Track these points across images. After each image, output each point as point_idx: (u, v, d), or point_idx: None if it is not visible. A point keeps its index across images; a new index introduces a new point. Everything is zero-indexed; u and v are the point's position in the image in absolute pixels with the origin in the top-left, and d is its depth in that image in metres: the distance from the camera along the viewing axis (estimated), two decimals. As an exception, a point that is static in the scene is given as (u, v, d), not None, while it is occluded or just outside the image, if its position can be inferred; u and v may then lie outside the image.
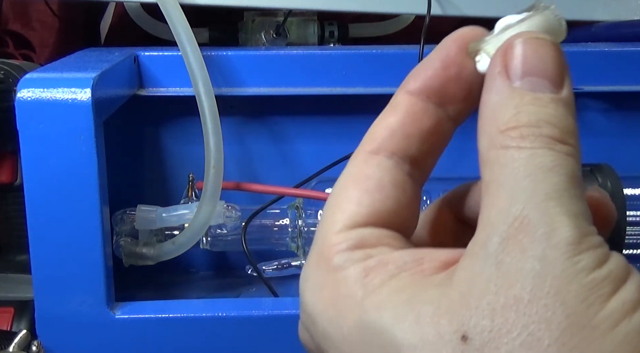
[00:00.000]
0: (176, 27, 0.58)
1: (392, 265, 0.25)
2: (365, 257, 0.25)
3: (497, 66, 0.25)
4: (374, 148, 0.27)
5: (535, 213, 0.23)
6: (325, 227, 0.26)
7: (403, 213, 0.27)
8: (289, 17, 0.73)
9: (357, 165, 0.27)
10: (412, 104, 0.27)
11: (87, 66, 0.55)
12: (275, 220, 0.65)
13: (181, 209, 0.60)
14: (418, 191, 0.27)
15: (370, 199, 0.26)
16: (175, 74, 0.63)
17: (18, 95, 0.50)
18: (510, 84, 0.25)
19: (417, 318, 0.23)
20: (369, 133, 0.27)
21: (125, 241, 0.60)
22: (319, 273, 0.26)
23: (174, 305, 0.56)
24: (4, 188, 0.65)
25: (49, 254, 0.52)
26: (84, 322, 0.53)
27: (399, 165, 0.27)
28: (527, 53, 0.25)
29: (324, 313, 0.25)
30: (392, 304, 0.24)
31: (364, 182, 0.26)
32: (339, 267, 0.25)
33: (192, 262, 0.71)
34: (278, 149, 0.70)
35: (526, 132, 0.24)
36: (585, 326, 0.21)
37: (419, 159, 0.27)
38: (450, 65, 0.27)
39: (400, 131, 0.27)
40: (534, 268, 0.22)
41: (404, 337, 0.23)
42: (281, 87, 0.65)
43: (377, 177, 0.26)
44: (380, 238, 0.26)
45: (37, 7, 0.81)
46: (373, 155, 0.27)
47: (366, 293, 0.24)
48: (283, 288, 0.64)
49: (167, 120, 0.69)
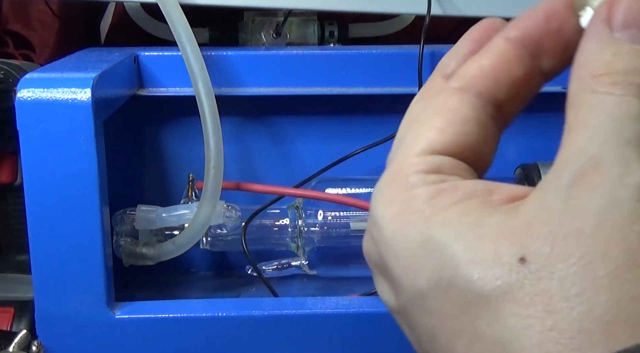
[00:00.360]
0: (176, 27, 0.58)
1: (462, 191, 0.25)
2: (438, 181, 0.26)
3: (600, 16, 0.25)
4: (462, 85, 0.27)
5: (612, 154, 0.23)
6: (406, 148, 0.27)
7: (481, 152, 0.27)
8: (289, 17, 0.73)
9: (438, 97, 0.28)
10: (508, 50, 0.27)
11: (87, 66, 0.55)
12: (275, 220, 0.65)
13: (181, 209, 0.60)
14: (498, 134, 0.28)
15: (453, 130, 0.27)
16: (175, 74, 0.63)
17: (18, 95, 0.50)
18: (611, 33, 0.25)
19: (479, 237, 0.24)
20: (462, 69, 0.28)
21: (125, 241, 0.60)
22: (393, 189, 0.27)
23: (174, 305, 0.56)
24: (4, 188, 0.65)
25: (49, 254, 0.52)
26: (84, 322, 0.53)
27: (484, 106, 0.27)
28: (633, 6, 0.25)
29: (391, 225, 0.26)
30: (457, 223, 0.24)
31: (450, 114, 0.27)
32: (413, 185, 0.26)
33: (192, 262, 0.71)
34: (278, 149, 0.70)
35: (619, 79, 0.24)
36: None
37: (504, 104, 0.27)
38: (553, 18, 0.27)
39: (491, 74, 0.27)
40: (601, 205, 0.22)
41: (463, 252, 0.24)
42: (281, 87, 0.65)
43: (463, 112, 0.27)
44: (455, 169, 0.27)
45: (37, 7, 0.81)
46: (459, 91, 0.27)
47: (434, 211, 0.25)
48: (283, 288, 0.64)
49: (167, 120, 0.69)
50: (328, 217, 0.64)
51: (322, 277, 0.67)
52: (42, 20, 0.82)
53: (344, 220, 0.64)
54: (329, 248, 0.64)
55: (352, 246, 0.64)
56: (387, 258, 0.26)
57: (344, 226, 0.64)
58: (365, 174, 0.69)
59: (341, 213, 0.64)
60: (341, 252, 0.65)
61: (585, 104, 0.24)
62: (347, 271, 0.66)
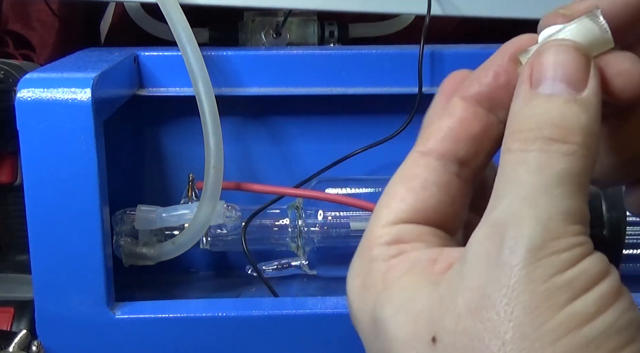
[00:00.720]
0: (176, 27, 0.58)
1: (408, 263, 0.26)
2: (398, 252, 0.27)
3: (523, 74, 0.26)
4: (425, 149, 0.28)
5: (511, 216, 0.24)
6: (373, 220, 0.29)
7: (445, 212, 0.28)
8: (289, 17, 0.73)
9: (407, 165, 0.29)
10: (464, 108, 0.28)
11: (87, 66, 0.55)
12: (275, 220, 0.65)
13: (181, 209, 0.60)
14: (466, 190, 0.29)
15: (414, 197, 0.28)
16: (175, 74, 0.63)
17: (18, 95, 0.50)
18: (531, 90, 0.26)
19: (407, 315, 0.25)
20: (423, 134, 0.29)
21: (125, 241, 0.60)
22: (359, 261, 0.29)
23: (174, 305, 0.56)
24: (4, 188, 0.65)
25: (49, 254, 0.52)
26: (84, 322, 0.53)
27: (446, 167, 0.28)
28: (548, 59, 0.26)
29: (355, 301, 0.28)
30: (395, 300, 0.25)
31: (410, 181, 0.28)
32: (374, 258, 0.28)
33: (192, 262, 0.71)
34: (278, 149, 0.70)
35: (529, 135, 0.25)
36: (528, 337, 0.22)
37: (468, 160, 0.28)
38: (500, 74, 0.28)
39: (450, 135, 0.28)
40: (494, 276, 0.23)
41: (394, 331, 0.25)
42: (281, 87, 0.65)
43: (423, 177, 0.28)
44: (418, 235, 0.27)
45: (37, 7, 0.81)
46: (423, 156, 0.28)
47: (384, 286, 0.26)
48: (283, 288, 0.64)
49: (167, 120, 0.69)
50: (328, 217, 0.64)
51: (322, 277, 0.67)
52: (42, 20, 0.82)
53: (344, 220, 0.64)
54: (329, 248, 0.64)
55: (352, 246, 0.64)
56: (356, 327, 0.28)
57: (344, 226, 0.64)
58: (365, 174, 0.69)
59: (341, 213, 0.64)
60: (341, 252, 0.65)
61: (501, 164, 0.25)
62: (347, 271, 0.66)
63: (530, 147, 0.24)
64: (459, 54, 0.65)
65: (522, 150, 0.24)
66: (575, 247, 0.23)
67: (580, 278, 0.23)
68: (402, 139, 0.65)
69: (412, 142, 0.29)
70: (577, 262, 0.23)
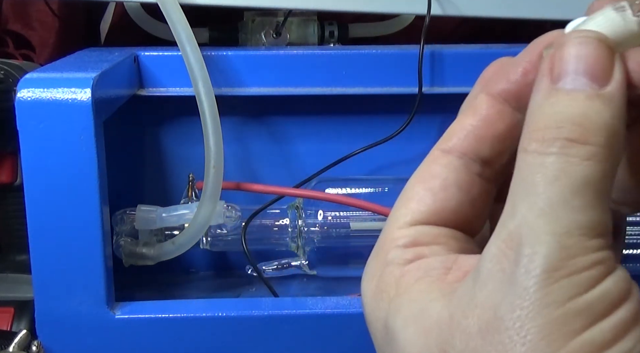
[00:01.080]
0: (176, 27, 0.58)
1: (422, 270, 0.25)
2: (414, 256, 0.26)
3: (543, 68, 0.25)
4: (447, 147, 0.27)
5: (526, 230, 0.22)
6: (390, 221, 0.27)
7: (466, 213, 0.27)
8: (289, 17, 0.73)
9: (427, 163, 0.28)
10: (490, 106, 0.27)
11: (87, 66, 0.55)
12: (275, 220, 0.65)
13: (181, 209, 0.60)
14: (489, 190, 0.28)
15: (433, 198, 0.27)
16: (175, 74, 0.63)
17: (18, 95, 0.50)
18: (551, 84, 0.24)
19: (417, 328, 0.24)
20: (447, 131, 0.28)
21: (125, 241, 0.60)
22: (374, 264, 0.27)
23: (174, 305, 0.56)
24: (4, 188, 0.65)
25: (49, 254, 0.52)
26: (84, 322, 0.53)
27: (467, 166, 0.27)
28: (569, 51, 0.24)
29: (368, 304, 0.27)
30: (406, 311, 0.25)
31: (429, 181, 0.27)
32: (389, 262, 0.26)
33: (192, 262, 0.71)
34: (278, 149, 0.70)
35: (547, 135, 0.23)
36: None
37: (491, 160, 0.27)
38: (530, 72, 0.27)
39: (472, 133, 0.27)
40: (507, 297, 0.22)
41: (405, 344, 0.24)
42: (281, 87, 0.65)
43: (442, 177, 0.27)
44: (437, 237, 0.26)
45: (37, 7, 0.81)
46: (445, 154, 0.27)
47: (397, 294, 0.25)
48: (283, 288, 0.64)
49: (167, 120, 0.69)
50: (328, 217, 0.64)
51: (322, 277, 0.67)
52: (42, 20, 0.81)
53: (344, 220, 0.64)
54: (329, 248, 0.64)
55: (352, 246, 0.64)
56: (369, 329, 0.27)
57: (344, 226, 0.64)
58: (365, 174, 0.69)
59: (341, 213, 0.64)
60: (341, 252, 0.65)
61: (518, 166, 0.24)
62: (347, 271, 0.66)
63: (548, 149, 0.23)
64: (459, 54, 0.65)
65: (539, 152, 0.23)
66: (595, 266, 0.22)
67: (599, 302, 0.22)
68: (402, 139, 0.65)
69: (412, 142, 0.29)
70: (596, 282, 0.22)
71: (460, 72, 0.64)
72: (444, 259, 0.26)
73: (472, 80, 0.29)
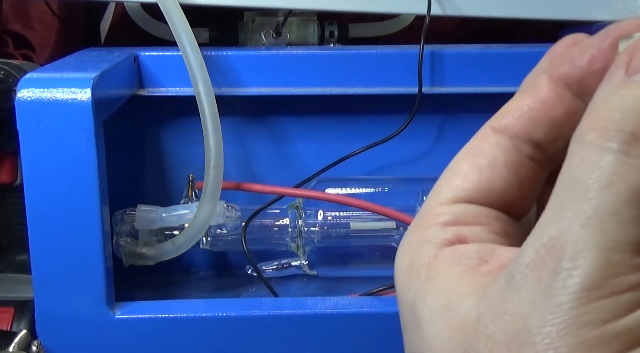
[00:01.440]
0: (176, 27, 0.58)
1: (458, 256, 0.24)
2: (454, 236, 0.25)
3: (620, 60, 0.23)
4: (498, 126, 0.26)
5: (570, 239, 0.21)
6: (432, 196, 0.26)
7: (512, 195, 0.26)
8: (289, 17, 0.73)
9: (476, 140, 0.26)
10: (549, 89, 0.26)
11: (87, 66, 0.55)
12: (275, 220, 0.65)
13: (181, 209, 0.60)
14: (539, 174, 0.26)
15: (479, 176, 0.26)
16: (175, 74, 0.63)
17: (18, 95, 0.50)
18: (625, 77, 0.22)
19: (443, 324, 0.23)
20: (502, 109, 0.26)
21: (125, 241, 0.60)
22: (411, 239, 0.26)
23: (174, 305, 0.56)
24: (4, 188, 0.65)
25: (49, 254, 0.52)
26: (84, 322, 0.53)
27: (519, 147, 0.26)
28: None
29: (400, 282, 0.26)
30: (434, 302, 0.24)
31: (477, 158, 0.26)
32: (426, 240, 0.25)
33: (192, 262, 0.71)
34: (278, 149, 0.70)
35: (609, 126, 0.21)
36: None
37: (545, 144, 0.26)
38: (597, 60, 0.25)
39: (528, 114, 0.26)
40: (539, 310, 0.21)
41: (429, 337, 0.23)
42: (281, 87, 0.65)
43: (491, 155, 0.26)
44: (479, 217, 0.25)
45: (37, 7, 0.81)
46: (496, 132, 0.26)
47: (427, 277, 0.24)
48: (283, 288, 0.64)
49: (167, 120, 0.69)
50: (328, 217, 0.64)
51: (322, 277, 0.67)
52: (42, 20, 0.81)
53: (344, 220, 0.64)
54: (329, 248, 0.64)
55: (352, 246, 0.64)
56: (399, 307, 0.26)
57: (344, 226, 0.64)
58: (365, 174, 0.69)
59: (341, 213, 0.64)
60: (341, 252, 0.65)
61: (570, 156, 0.22)
62: (347, 271, 0.66)
63: (607, 143, 0.21)
64: (459, 54, 0.65)
65: (597, 145, 0.21)
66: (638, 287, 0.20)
67: (637, 328, 0.20)
68: (402, 139, 0.65)
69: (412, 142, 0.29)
70: (638, 306, 0.20)
71: (460, 72, 0.64)
72: (482, 249, 0.24)
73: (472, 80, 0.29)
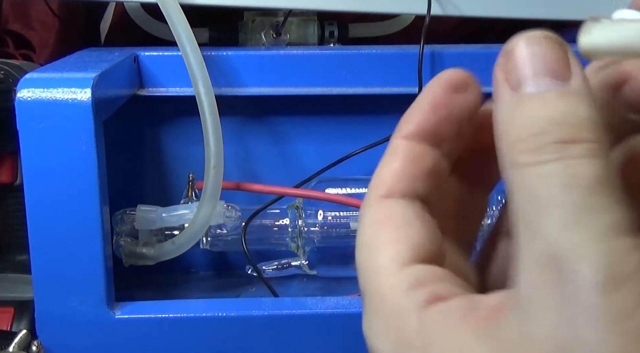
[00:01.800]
0: (176, 27, 0.58)
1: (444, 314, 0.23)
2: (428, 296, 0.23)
3: (497, 80, 0.23)
4: (384, 193, 0.26)
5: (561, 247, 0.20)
6: (372, 274, 0.25)
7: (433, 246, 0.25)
8: (289, 17, 0.73)
9: (375, 212, 0.26)
10: (411, 147, 0.26)
11: (87, 66, 0.55)
12: (275, 220, 0.65)
13: (181, 209, 0.60)
14: (441, 224, 0.26)
15: (406, 235, 0.25)
16: (175, 74, 0.63)
17: (18, 95, 0.50)
18: (513, 93, 0.23)
19: None
20: (376, 180, 0.26)
21: (125, 241, 0.60)
22: (381, 319, 0.24)
23: (174, 305, 0.56)
24: (4, 188, 0.65)
25: (49, 254, 0.52)
26: (84, 322, 0.53)
27: (413, 204, 0.26)
28: (521, 53, 0.23)
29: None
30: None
31: (391, 222, 0.25)
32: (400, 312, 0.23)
33: (192, 262, 0.71)
34: (278, 149, 0.70)
35: (533, 144, 0.22)
36: None
37: (427, 198, 0.26)
38: (439, 107, 0.26)
39: (405, 174, 0.26)
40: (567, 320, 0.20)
41: None
42: (281, 87, 0.65)
43: (400, 214, 0.25)
44: (432, 274, 0.24)
45: (37, 7, 0.81)
46: (386, 198, 0.26)
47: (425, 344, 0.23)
48: (283, 288, 0.64)
49: (167, 120, 0.69)
50: (328, 217, 0.64)
51: (322, 277, 0.67)
52: (42, 20, 0.82)
53: (344, 220, 0.64)
54: (329, 248, 0.64)
55: (352, 246, 0.64)
56: None
57: (344, 226, 0.64)
58: (365, 174, 0.69)
59: (341, 213, 0.64)
60: (341, 252, 0.65)
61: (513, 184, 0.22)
62: (347, 271, 0.66)
63: (542, 157, 0.21)
64: (459, 54, 0.65)
65: (533, 163, 0.21)
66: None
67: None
68: (402, 139, 0.65)
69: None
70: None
71: (460, 72, 0.64)
72: (464, 302, 0.23)
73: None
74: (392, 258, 0.24)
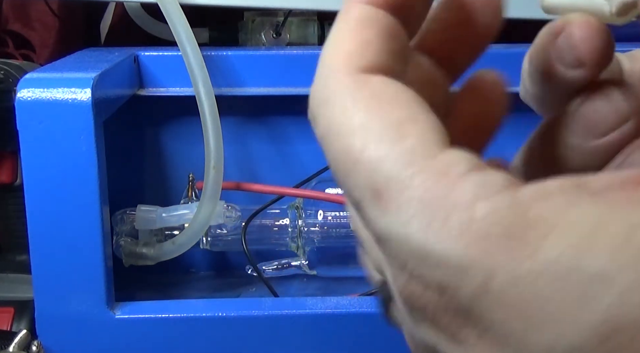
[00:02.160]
0: (176, 27, 0.58)
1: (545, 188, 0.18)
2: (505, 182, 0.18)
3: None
4: (363, 67, 0.21)
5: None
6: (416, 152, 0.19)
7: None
8: (289, 17, 0.73)
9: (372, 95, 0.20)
10: (386, 17, 0.22)
11: (87, 66, 0.55)
12: (275, 220, 0.65)
13: (181, 209, 0.60)
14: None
15: (424, 117, 0.20)
16: (175, 74, 0.63)
17: (18, 95, 0.50)
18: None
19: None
20: (340, 49, 0.22)
21: (125, 241, 0.60)
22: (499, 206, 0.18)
23: (174, 305, 0.56)
24: (4, 188, 0.65)
25: (49, 254, 0.52)
26: (84, 322, 0.53)
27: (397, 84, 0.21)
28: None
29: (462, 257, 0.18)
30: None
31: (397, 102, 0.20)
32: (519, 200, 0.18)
33: (192, 262, 0.71)
34: (278, 149, 0.70)
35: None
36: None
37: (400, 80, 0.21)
38: None
39: (384, 48, 0.21)
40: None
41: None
42: (281, 87, 0.65)
43: (403, 93, 0.20)
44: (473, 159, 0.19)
45: (37, 7, 0.81)
46: (368, 74, 0.21)
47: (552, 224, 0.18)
48: (283, 288, 0.64)
49: (167, 120, 0.69)
50: (328, 217, 0.64)
51: (322, 277, 0.67)
52: (42, 20, 0.81)
53: (344, 220, 0.64)
54: (329, 248, 0.64)
55: (352, 246, 0.64)
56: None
57: (344, 226, 0.64)
58: (365, 174, 0.69)
59: (341, 213, 0.64)
60: (341, 252, 0.65)
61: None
62: (347, 271, 0.66)
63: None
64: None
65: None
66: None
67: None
68: (402, 139, 0.65)
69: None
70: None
71: (460, 72, 0.64)
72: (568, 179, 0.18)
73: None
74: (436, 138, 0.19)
